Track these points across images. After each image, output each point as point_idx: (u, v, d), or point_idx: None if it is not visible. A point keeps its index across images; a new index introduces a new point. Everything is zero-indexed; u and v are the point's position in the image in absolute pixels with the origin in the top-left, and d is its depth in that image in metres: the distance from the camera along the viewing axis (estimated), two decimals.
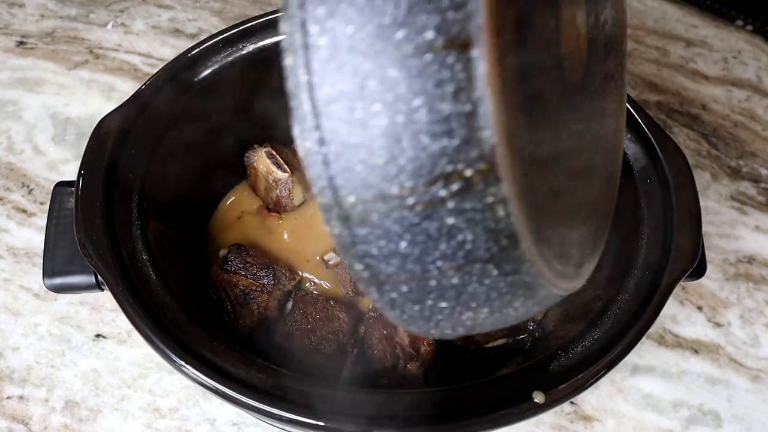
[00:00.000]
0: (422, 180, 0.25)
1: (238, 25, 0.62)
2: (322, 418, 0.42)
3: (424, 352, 0.58)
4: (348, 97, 0.25)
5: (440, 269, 0.28)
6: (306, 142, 0.26)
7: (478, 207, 0.26)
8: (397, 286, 0.29)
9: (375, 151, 0.25)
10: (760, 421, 0.64)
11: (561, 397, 0.44)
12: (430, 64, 0.24)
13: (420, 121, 0.24)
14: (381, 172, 0.25)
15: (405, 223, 0.26)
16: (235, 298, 0.59)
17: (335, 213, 0.27)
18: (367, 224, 0.27)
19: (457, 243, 0.27)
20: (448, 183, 0.25)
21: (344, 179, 0.26)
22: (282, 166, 0.65)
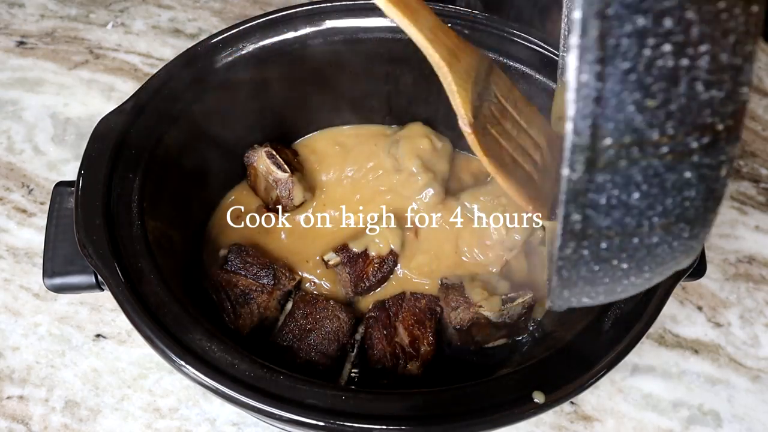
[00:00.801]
0: (683, 129, 0.26)
1: (239, 24, 0.62)
2: (322, 418, 0.42)
3: (424, 352, 0.58)
4: (641, 32, 0.24)
5: (652, 225, 0.28)
6: (583, 75, 0.25)
7: (714, 164, 0.27)
8: (599, 241, 0.29)
9: (653, 92, 0.25)
10: (760, 421, 0.64)
11: (561, 397, 0.44)
12: (722, 12, 0.24)
13: (701, 67, 0.25)
14: (650, 115, 0.25)
15: (649, 173, 0.27)
16: (235, 298, 0.59)
17: (585, 155, 0.26)
18: (611, 171, 0.26)
19: (682, 198, 0.28)
20: (702, 135, 0.26)
21: (610, 119, 0.25)
22: (282, 166, 0.65)
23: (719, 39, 0.25)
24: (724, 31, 0.25)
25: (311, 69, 0.66)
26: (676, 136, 0.26)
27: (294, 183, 0.65)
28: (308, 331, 0.58)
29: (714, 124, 0.26)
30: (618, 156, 0.26)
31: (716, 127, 0.26)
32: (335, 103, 0.71)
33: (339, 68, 0.66)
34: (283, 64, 0.64)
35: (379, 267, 0.63)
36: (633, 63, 0.25)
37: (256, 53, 0.62)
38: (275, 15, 0.63)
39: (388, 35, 0.64)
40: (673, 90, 0.25)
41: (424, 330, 0.59)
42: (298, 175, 0.66)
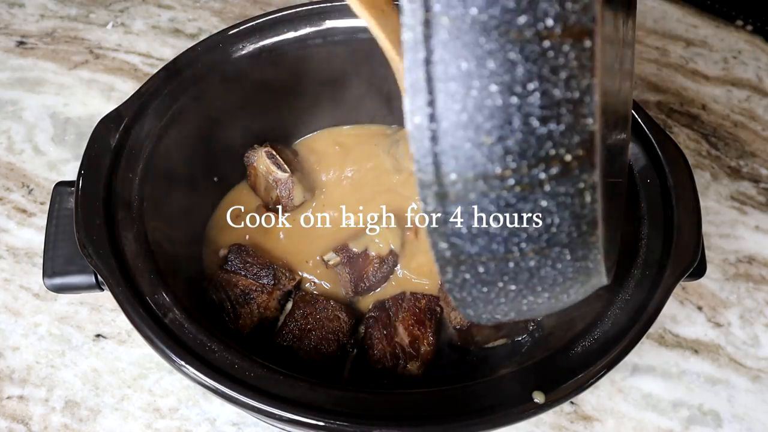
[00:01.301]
0: (526, 162, 0.26)
1: (238, 25, 0.62)
2: (322, 418, 0.42)
3: (424, 352, 0.58)
4: (466, 75, 0.25)
5: (522, 251, 0.29)
6: (416, 117, 0.26)
7: (571, 191, 0.27)
8: (475, 266, 0.29)
9: (486, 130, 0.26)
10: (760, 421, 0.64)
11: (561, 397, 0.44)
12: (548, 50, 0.25)
13: (533, 104, 0.25)
14: (488, 151, 0.26)
15: (501, 204, 0.27)
16: (235, 298, 0.59)
17: (433, 190, 0.27)
18: (463, 203, 0.27)
19: (545, 226, 0.28)
20: (548, 166, 0.26)
21: (449, 157, 0.26)
22: (282, 166, 0.65)
23: (548, 76, 0.25)
24: (552, 68, 0.25)
25: (311, 69, 0.66)
26: (520, 168, 0.26)
27: (294, 183, 0.65)
28: (308, 331, 0.58)
29: (560, 155, 0.26)
30: (466, 189, 0.27)
31: (564, 158, 0.26)
32: (335, 103, 0.71)
33: (339, 68, 0.66)
34: (283, 64, 0.64)
35: (379, 267, 0.63)
36: (462, 104, 0.26)
37: (256, 53, 0.62)
38: (275, 15, 0.63)
39: None
40: (507, 126, 0.26)
41: (424, 330, 0.59)
42: (298, 175, 0.66)
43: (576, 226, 0.28)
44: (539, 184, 0.27)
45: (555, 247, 0.29)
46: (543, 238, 0.28)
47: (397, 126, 0.74)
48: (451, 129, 0.26)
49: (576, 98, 0.26)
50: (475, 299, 0.32)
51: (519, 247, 0.29)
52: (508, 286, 0.31)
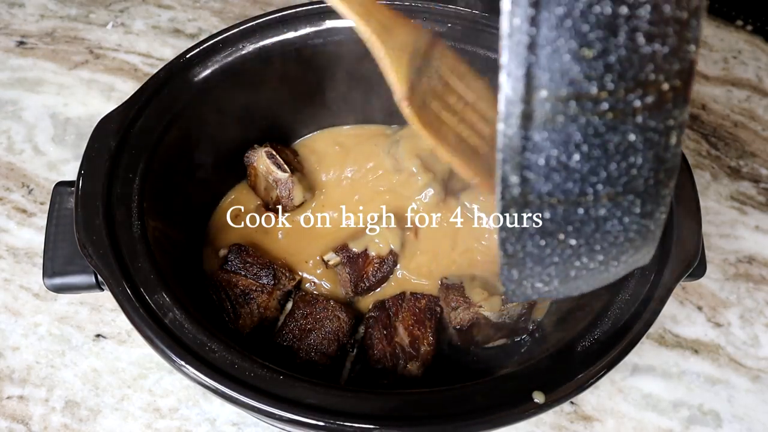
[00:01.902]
0: (624, 84, 0.24)
1: (238, 25, 0.62)
2: (322, 418, 0.42)
3: (424, 352, 0.58)
4: None
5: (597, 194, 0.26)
6: (515, 19, 0.23)
7: (660, 128, 0.25)
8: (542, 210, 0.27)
9: (589, 41, 0.24)
10: (760, 421, 0.64)
11: (561, 397, 0.44)
12: None
13: (642, 17, 0.23)
14: (587, 66, 0.24)
15: (589, 131, 0.25)
16: (235, 298, 0.59)
17: (519, 109, 0.25)
18: (549, 128, 0.25)
19: (627, 165, 0.26)
20: (645, 93, 0.24)
21: (545, 68, 0.24)
22: (282, 166, 0.65)
23: None
24: None
25: (311, 69, 0.66)
26: (617, 91, 0.24)
27: (294, 183, 0.65)
28: (308, 331, 0.58)
29: (658, 82, 0.25)
30: (555, 111, 0.25)
31: (661, 86, 0.25)
32: (335, 103, 0.71)
33: (339, 68, 0.66)
34: (283, 64, 0.64)
35: (379, 267, 0.63)
36: (568, 8, 0.23)
37: (256, 53, 0.62)
38: (275, 15, 0.63)
39: None
40: (612, 40, 0.24)
41: (424, 330, 0.59)
42: (298, 175, 0.66)
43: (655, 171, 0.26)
44: (632, 113, 0.25)
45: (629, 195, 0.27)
46: (621, 180, 0.26)
47: (397, 126, 0.74)
48: (551, 37, 0.23)
49: (684, 19, 0.24)
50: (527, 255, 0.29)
51: (595, 188, 0.26)
52: (569, 239, 0.28)
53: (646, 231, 0.29)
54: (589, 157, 0.25)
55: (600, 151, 0.25)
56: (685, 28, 0.24)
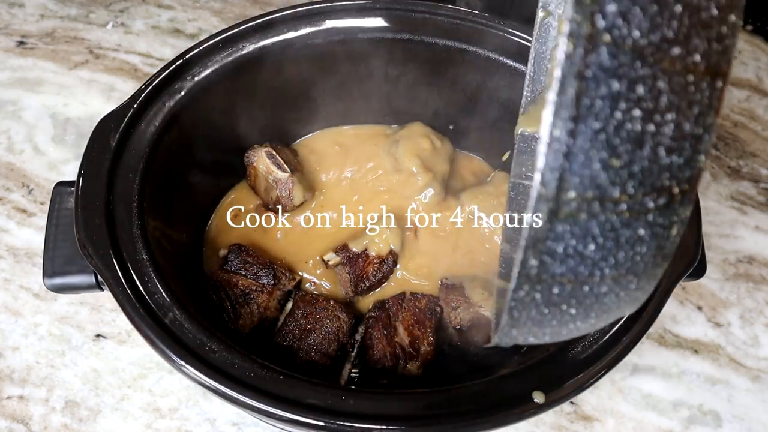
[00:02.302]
0: (643, 189, 0.27)
1: (238, 25, 0.62)
2: (322, 418, 0.42)
3: (424, 352, 0.58)
4: (615, 96, 0.26)
5: (603, 276, 0.30)
6: (556, 130, 0.26)
7: (666, 223, 0.29)
8: (551, 287, 0.30)
9: (619, 153, 0.27)
10: (760, 421, 0.64)
11: (561, 397, 0.44)
12: (690, 85, 0.26)
13: (666, 134, 0.27)
14: (614, 174, 0.27)
15: (606, 227, 0.28)
16: (235, 298, 0.59)
17: (548, 206, 0.27)
18: (571, 222, 0.28)
19: (633, 253, 0.29)
20: (659, 196, 0.28)
21: (576, 174, 0.27)
22: (282, 166, 0.65)
23: (685, 109, 0.26)
24: (689, 102, 0.26)
25: (311, 69, 0.66)
26: (636, 195, 0.27)
27: (294, 183, 0.65)
28: (308, 331, 0.58)
29: (671, 187, 0.28)
30: (579, 209, 0.27)
31: (673, 190, 0.28)
32: (335, 103, 0.71)
33: (339, 68, 0.66)
34: (283, 64, 0.64)
35: (379, 267, 0.63)
36: (604, 124, 0.26)
37: (256, 53, 0.62)
38: (275, 15, 0.63)
39: (388, 35, 0.64)
40: (638, 152, 0.27)
41: (424, 330, 0.59)
42: (298, 175, 0.66)
43: (654, 257, 0.30)
44: (645, 212, 0.28)
45: (629, 276, 0.30)
46: (626, 265, 0.29)
47: (397, 126, 0.74)
48: (586, 147, 0.26)
49: (699, 134, 0.27)
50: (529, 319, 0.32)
51: (602, 272, 0.29)
52: (570, 309, 0.31)
53: (635, 300, 0.33)
54: (603, 247, 0.29)
55: (612, 243, 0.29)
56: (699, 142, 0.27)
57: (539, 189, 0.27)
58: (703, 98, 0.27)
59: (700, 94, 0.26)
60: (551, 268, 0.29)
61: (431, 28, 0.64)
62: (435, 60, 0.65)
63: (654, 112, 0.26)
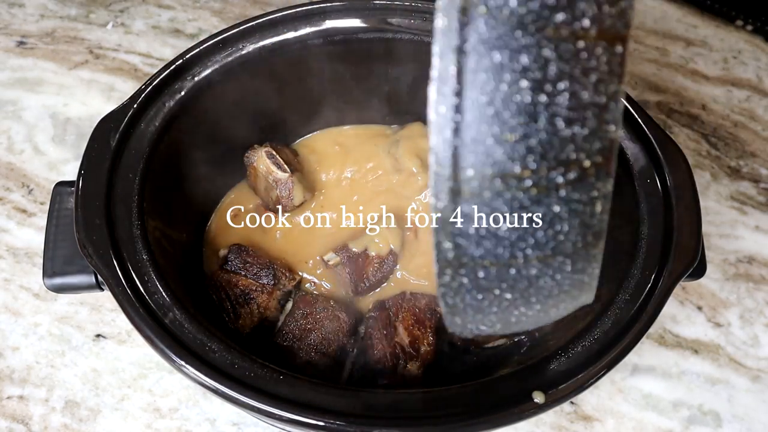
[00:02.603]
0: (546, 164, 0.26)
1: (238, 25, 0.62)
2: (322, 418, 0.42)
3: (424, 352, 0.58)
4: (498, 68, 0.25)
5: (527, 258, 0.28)
6: (441, 107, 0.25)
7: (584, 199, 0.27)
8: (475, 270, 0.29)
9: (510, 126, 0.25)
10: (760, 421, 0.64)
11: (561, 397, 0.44)
12: (581, 51, 0.25)
13: (561, 104, 0.25)
14: (509, 149, 0.25)
15: (515, 205, 0.27)
16: (235, 298, 0.59)
17: (447, 185, 0.26)
18: (476, 202, 0.26)
19: (554, 232, 0.27)
20: (567, 170, 0.26)
21: (469, 151, 0.25)
22: (282, 166, 0.65)
23: (579, 77, 0.25)
24: (584, 70, 0.25)
25: (311, 69, 0.66)
26: (539, 170, 0.26)
27: (294, 183, 0.65)
28: (308, 331, 0.58)
29: (579, 160, 0.26)
30: (481, 187, 0.26)
31: (583, 163, 0.26)
32: (335, 103, 0.71)
33: (339, 68, 0.66)
34: (283, 64, 0.64)
35: (379, 267, 0.63)
36: (490, 97, 0.25)
37: (256, 53, 0.62)
38: (275, 15, 0.63)
39: (388, 35, 0.64)
40: (533, 125, 0.25)
41: (424, 330, 0.59)
42: (298, 175, 0.66)
43: (582, 236, 0.28)
44: (555, 188, 0.26)
45: (558, 257, 0.29)
46: (549, 245, 0.28)
47: (397, 126, 0.74)
48: (475, 122, 0.25)
49: (602, 103, 0.25)
50: (466, 306, 0.31)
51: (524, 252, 0.28)
52: (504, 294, 0.30)
53: (580, 283, 0.31)
54: (516, 226, 0.27)
55: (526, 221, 0.27)
56: (605, 111, 0.26)
57: (435, 168, 0.26)
58: (600, 65, 0.25)
59: (596, 61, 0.25)
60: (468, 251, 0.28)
61: (432, 28, 0.64)
62: None
63: (543, 81, 0.25)
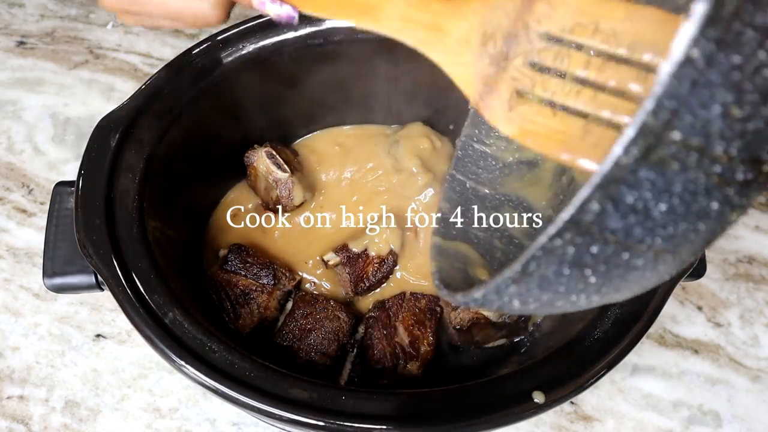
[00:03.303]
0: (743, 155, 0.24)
1: (238, 25, 0.62)
2: (322, 418, 0.42)
3: (424, 352, 0.58)
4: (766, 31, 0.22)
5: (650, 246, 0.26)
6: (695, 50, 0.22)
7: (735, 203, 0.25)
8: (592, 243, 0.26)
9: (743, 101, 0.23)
10: (760, 421, 0.64)
11: (561, 397, 0.44)
12: None
13: None
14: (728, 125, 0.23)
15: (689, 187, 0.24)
16: (235, 298, 0.59)
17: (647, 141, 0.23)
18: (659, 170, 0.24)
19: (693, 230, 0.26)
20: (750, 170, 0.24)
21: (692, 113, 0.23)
22: (282, 166, 0.65)
23: None
24: None
25: (311, 69, 0.66)
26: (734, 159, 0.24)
27: (294, 183, 0.65)
28: (308, 331, 0.58)
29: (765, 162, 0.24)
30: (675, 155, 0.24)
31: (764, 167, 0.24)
32: (335, 103, 0.71)
33: (339, 68, 0.66)
34: (283, 64, 0.64)
35: (379, 267, 0.63)
36: (745, 60, 0.22)
37: (256, 53, 0.62)
38: None
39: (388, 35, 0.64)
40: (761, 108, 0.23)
41: (424, 330, 0.59)
42: (298, 175, 0.66)
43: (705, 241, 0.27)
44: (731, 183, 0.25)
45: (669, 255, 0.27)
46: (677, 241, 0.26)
47: (397, 126, 0.74)
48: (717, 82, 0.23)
49: None
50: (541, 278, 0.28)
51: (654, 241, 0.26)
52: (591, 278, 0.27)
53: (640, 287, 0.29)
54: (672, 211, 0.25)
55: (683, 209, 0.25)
56: None
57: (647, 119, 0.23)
58: None
59: None
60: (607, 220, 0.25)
61: None
62: None
63: None
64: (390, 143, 0.71)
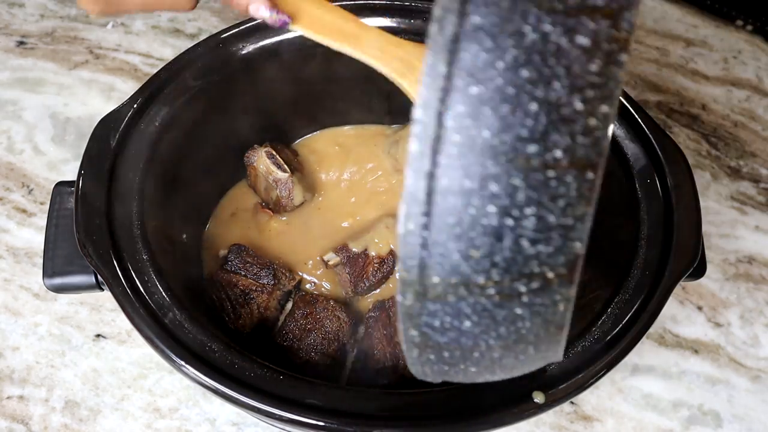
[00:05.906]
0: (509, 276, 0.27)
1: (238, 24, 0.62)
2: (322, 418, 0.42)
3: None
4: (467, 194, 0.26)
5: (489, 346, 0.30)
6: (410, 224, 0.27)
7: (547, 303, 0.28)
8: (441, 351, 0.30)
9: (476, 245, 0.26)
10: (760, 421, 0.64)
11: (561, 397, 0.44)
12: (551, 180, 0.26)
13: (527, 227, 0.26)
14: (474, 264, 0.27)
15: (477, 308, 0.28)
16: (235, 298, 0.59)
17: (413, 288, 0.28)
18: (441, 302, 0.28)
19: (516, 328, 0.29)
20: (530, 281, 0.27)
21: (436, 263, 0.27)
22: (282, 166, 0.65)
23: (547, 203, 0.26)
24: (552, 197, 0.26)
25: (311, 69, 0.66)
26: (502, 281, 0.27)
27: (294, 183, 0.65)
28: (308, 331, 0.58)
29: (543, 272, 0.27)
30: (446, 292, 0.27)
31: (546, 275, 0.27)
32: (335, 103, 0.71)
33: (339, 68, 0.66)
34: (283, 63, 0.64)
35: (379, 267, 0.63)
36: (457, 218, 0.26)
37: (256, 53, 0.62)
38: None
39: None
40: (497, 245, 0.26)
41: None
42: (298, 175, 0.66)
43: (545, 329, 0.29)
44: (518, 296, 0.28)
45: (520, 344, 0.30)
46: (511, 338, 0.29)
47: (397, 126, 0.74)
48: (442, 239, 0.26)
49: (569, 224, 0.26)
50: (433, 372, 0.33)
51: (487, 342, 0.29)
52: (470, 368, 0.32)
53: (544, 358, 0.33)
54: (479, 324, 0.29)
55: (489, 320, 0.28)
56: (571, 230, 0.27)
57: (402, 274, 0.27)
58: (570, 191, 0.26)
59: (565, 188, 0.26)
60: (434, 338, 0.29)
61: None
62: None
63: (511, 207, 0.26)
64: (390, 143, 0.71)
